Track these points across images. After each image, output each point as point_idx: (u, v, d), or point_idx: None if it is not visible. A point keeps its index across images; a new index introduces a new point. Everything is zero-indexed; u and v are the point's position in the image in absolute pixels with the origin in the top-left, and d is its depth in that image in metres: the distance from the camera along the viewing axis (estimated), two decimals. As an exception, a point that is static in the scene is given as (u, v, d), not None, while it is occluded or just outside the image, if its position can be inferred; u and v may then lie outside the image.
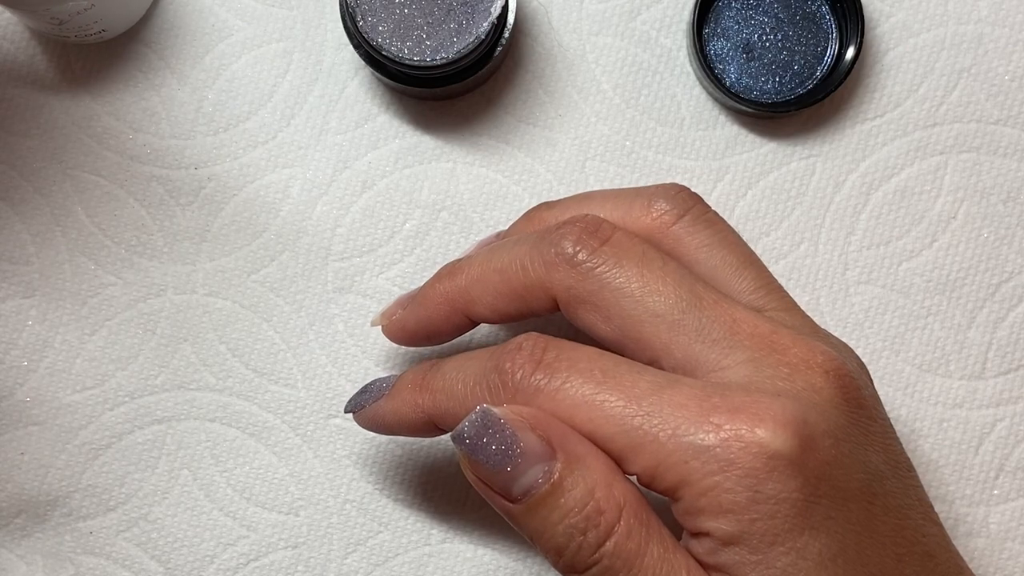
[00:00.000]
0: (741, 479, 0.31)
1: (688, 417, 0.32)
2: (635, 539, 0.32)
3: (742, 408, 0.32)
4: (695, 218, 0.39)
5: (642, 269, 0.35)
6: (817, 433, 0.32)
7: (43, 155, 0.47)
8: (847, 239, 0.48)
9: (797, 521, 0.31)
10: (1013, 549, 0.47)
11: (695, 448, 0.31)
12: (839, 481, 0.32)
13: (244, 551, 0.47)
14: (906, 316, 0.48)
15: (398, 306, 0.41)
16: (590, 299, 0.36)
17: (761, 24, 0.47)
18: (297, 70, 0.47)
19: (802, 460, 0.31)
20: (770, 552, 0.31)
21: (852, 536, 0.32)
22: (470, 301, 0.39)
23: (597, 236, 0.36)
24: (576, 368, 0.33)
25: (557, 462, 0.33)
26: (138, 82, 0.47)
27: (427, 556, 0.47)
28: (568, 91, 0.48)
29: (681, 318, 0.34)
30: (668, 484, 0.32)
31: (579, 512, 0.32)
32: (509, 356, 0.35)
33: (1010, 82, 0.48)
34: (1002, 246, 0.48)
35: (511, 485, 0.33)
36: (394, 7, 0.43)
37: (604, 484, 0.33)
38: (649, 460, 0.32)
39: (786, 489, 0.31)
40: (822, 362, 0.34)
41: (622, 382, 0.33)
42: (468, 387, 0.35)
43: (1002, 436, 0.48)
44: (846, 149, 0.48)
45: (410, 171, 0.48)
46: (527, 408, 0.34)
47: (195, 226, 0.47)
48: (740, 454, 0.31)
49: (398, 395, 0.38)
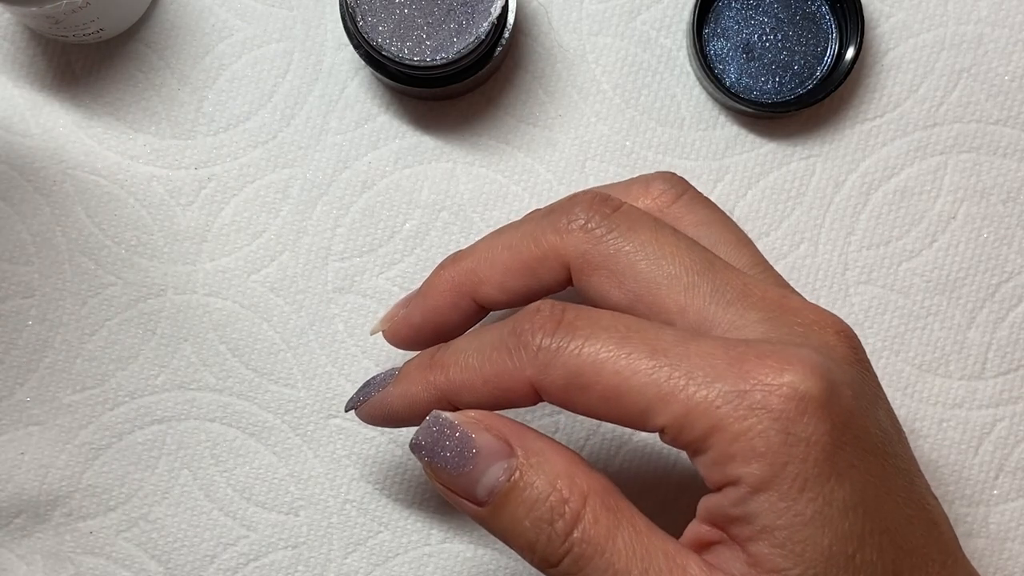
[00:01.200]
0: (774, 422, 0.31)
1: (717, 365, 0.32)
2: (603, 524, 0.32)
3: (769, 354, 0.32)
4: (692, 198, 0.39)
5: (655, 234, 0.36)
6: (839, 384, 0.32)
7: (43, 155, 0.47)
8: (847, 239, 0.48)
9: (825, 466, 0.31)
10: (1013, 549, 0.47)
11: (726, 393, 0.31)
12: (860, 432, 0.32)
13: (244, 551, 0.47)
14: (906, 316, 0.48)
15: (399, 307, 0.41)
16: (604, 264, 0.36)
17: (761, 24, 0.47)
18: (297, 70, 0.47)
19: (829, 405, 0.31)
20: (800, 498, 0.31)
21: (871, 488, 0.32)
22: (478, 282, 0.38)
23: (608, 204, 0.36)
24: (599, 325, 0.33)
25: (516, 458, 0.33)
26: (138, 82, 0.47)
27: (427, 556, 0.47)
28: (568, 91, 0.48)
29: (696, 280, 0.35)
30: (698, 433, 0.32)
31: (543, 504, 0.33)
32: (527, 318, 0.34)
33: (1010, 82, 0.48)
34: (1002, 246, 0.48)
35: (474, 487, 0.34)
36: (394, 7, 0.43)
37: (566, 475, 0.33)
38: (679, 409, 0.32)
39: (816, 432, 0.31)
40: (833, 323, 0.35)
41: (646, 337, 0.33)
42: (484, 355, 0.35)
43: (1002, 436, 0.48)
44: (846, 149, 0.48)
45: (410, 171, 0.48)
46: (479, 411, 0.35)
47: (195, 226, 0.47)
48: (772, 398, 0.31)
49: (406, 377, 0.38)
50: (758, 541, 0.31)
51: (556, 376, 0.33)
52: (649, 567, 0.32)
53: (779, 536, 0.31)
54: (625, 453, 0.47)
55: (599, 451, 0.47)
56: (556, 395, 0.34)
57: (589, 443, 0.47)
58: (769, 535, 0.31)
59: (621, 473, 0.47)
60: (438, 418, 0.35)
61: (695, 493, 0.47)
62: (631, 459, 0.47)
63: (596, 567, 0.32)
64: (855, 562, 0.31)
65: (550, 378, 0.33)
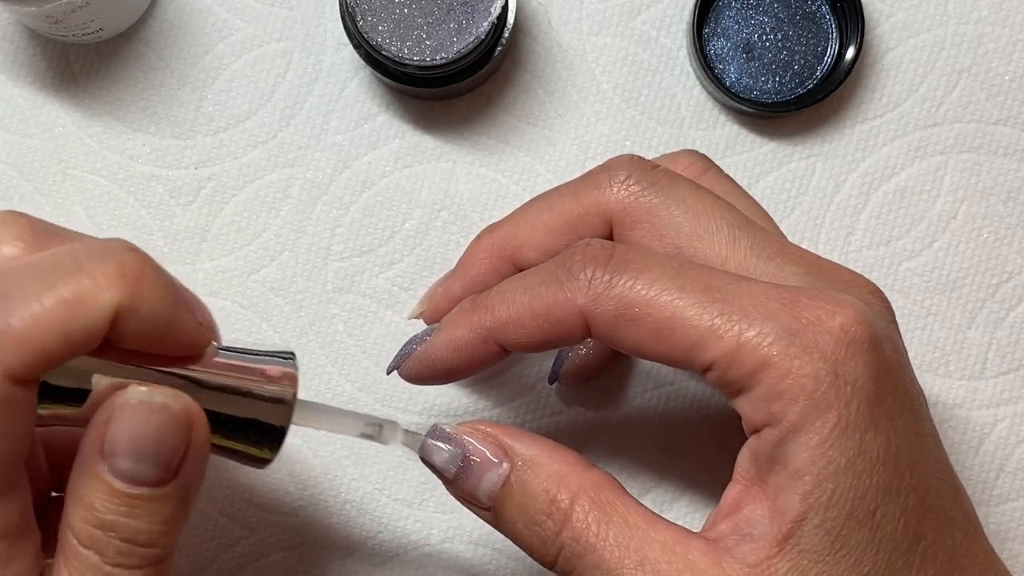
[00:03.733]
0: (824, 362, 0.31)
1: (768, 304, 0.32)
2: (594, 522, 0.33)
3: (821, 297, 0.32)
4: (718, 172, 0.40)
5: (695, 190, 0.36)
6: (882, 336, 0.32)
7: (43, 155, 0.47)
8: (847, 239, 0.48)
9: (867, 415, 0.31)
10: (1013, 549, 0.47)
11: (778, 331, 0.31)
12: (899, 386, 0.32)
13: (244, 552, 0.47)
14: (906, 316, 0.48)
15: (436, 287, 0.41)
16: (646, 218, 0.36)
17: (761, 24, 0.47)
18: (297, 70, 0.48)
19: (874, 352, 0.32)
20: (837, 444, 0.31)
21: (907, 444, 0.32)
22: (519, 245, 0.38)
23: (647, 164, 0.37)
24: (652, 261, 0.33)
25: (507, 463, 0.34)
26: (138, 82, 0.47)
27: (427, 556, 0.47)
28: (568, 91, 0.48)
29: (736, 234, 0.35)
30: (747, 369, 0.32)
31: (534, 506, 0.34)
32: (579, 251, 0.34)
33: (1010, 82, 0.48)
34: (1002, 246, 0.48)
35: (477, 493, 0.35)
36: (394, 7, 0.43)
37: (555, 477, 0.34)
38: (730, 344, 0.32)
39: (862, 377, 0.31)
40: (867, 284, 0.35)
41: (700, 274, 0.33)
42: (533, 290, 0.35)
43: (1002, 436, 0.48)
44: (846, 149, 0.48)
45: (410, 171, 0.48)
46: (476, 421, 0.36)
47: (195, 226, 0.47)
48: (823, 337, 0.31)
49: (449, 324, 0.37)
50: (785, 489, 0.31)
51: (607, 307, 0.33)
52: (644, 559, 0.32)
53: (807, 483, 0.31)
54: (626, 453, 0.47)
55: (600, 451, 0.47)
56: (605, 327, 0.33)
57: (590, 443, 0.47)
58: (799, 480, 0.31)
59: (622, 473, 0.47)
60: (437, 430, 0.36)
61: (696, 493, 0.47)
62: (631, 459, 0.47)
63: (588, 563, 0.33)
64: (875, 518, 0.31)
65: (601, 308, 0.33)
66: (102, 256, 0.30)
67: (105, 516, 0.31)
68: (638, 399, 0.47)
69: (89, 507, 0.31)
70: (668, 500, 0.47)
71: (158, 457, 0.31)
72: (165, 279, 0.31)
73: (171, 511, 0.31)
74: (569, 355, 0.43)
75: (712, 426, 0.47)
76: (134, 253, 0.31)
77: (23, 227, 0.32)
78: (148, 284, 0.30)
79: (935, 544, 0.32)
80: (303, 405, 0.35)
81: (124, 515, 0.31)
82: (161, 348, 0.32)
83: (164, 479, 0.31)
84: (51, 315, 0.29)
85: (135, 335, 0.31)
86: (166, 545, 0.32)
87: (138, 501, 0.31)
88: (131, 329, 0.30)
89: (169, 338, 0.32)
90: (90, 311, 0.29)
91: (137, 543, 0.31)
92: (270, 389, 0.34)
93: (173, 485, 0.31)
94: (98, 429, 0.31)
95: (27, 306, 0.29)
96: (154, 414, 0.31)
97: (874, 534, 0.31)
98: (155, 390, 0.31)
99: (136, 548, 0.31)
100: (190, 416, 0.31)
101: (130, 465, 0.31)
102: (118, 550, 0.31)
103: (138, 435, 0.31)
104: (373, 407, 0.47)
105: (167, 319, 0.31)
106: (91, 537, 0.31)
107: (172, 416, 0.31)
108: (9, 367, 0.29)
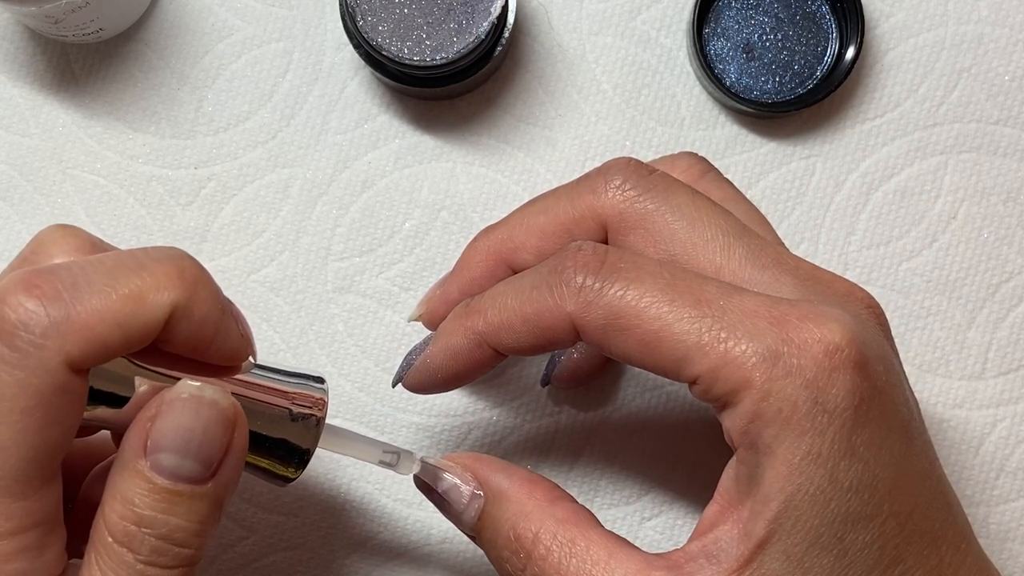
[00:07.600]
0: (804, 388, 0.31)
1: (757, 322, 0.32)
2: (554, 558, 0.34)
3: (811, 316, 0.32)
4: (716, 176, 0.40)
5: (691, 197, 0.36)
6: (872, 357, 0.32)
7: (43, 155, 0.47)
8: (847, 239, 0.48)
9: (842, 441, 0.31)
10: (1013, 549, 0.47)
11: (763, 351, 0.31)
12: (886, 409, 0.32)
13: (244, 552, 0.47)
14: (906, 316, 0.48)
15: (434, 290, 0.41)
16: (641, 224, 0.36)
17: (761, 24, 0.47)
18: (297, 70, 0.48)
19: (860, 375, 0.31)
20: (807, 470, 0.31)
21: (889, 469, 0.32)
22: (514, 248, 0.38)
23: (644, 168, 0.37)
24: (644, 270, 0.33)
25: (482, 498, 0.35)
26: (138, 82, 0.47)
27: (427, 556, 0.47)
28: (568, 91, 0.48)
29: (731, 242, 0.35)
30: (731, 386, 0.32)
31: (501, 541, 0.35)
32: (570, 256, 0.34)
33: (1010, 82, 0.48)
34: (1002, 246, 0.48)
35: (462, 522, 0.36)
36: (394, 7, 0.43)
37: (522, 515, 0.35)
38: (715, 360, 0.32)
39: (843, 404, 0.31)
40: (863, 297, 0.35)
41: (691, 286, 0.33)
42: (524, 295, 0.35)
43: (1002, 436, 0.48)
44: (846, 149, 0.48)
45: (410, 171, 0.48)
46: (458, 454, 0.37)
47: (195, 226, 0.47)
48: (807, 361, 0.31)
49: (444, 332, 0.38)
50: (755, 514, 0.31)
51: (596, 315, 0.33)
52: None
53: (773, 508, 0.31)
54: (624, 455, 0.47)
55: (598, 453, 0.47)
56: (594, 335, 0.34)
57: (589, 444, 0.47)
58: (767, 505, 0.31)
59: (620, 475, 0.47)
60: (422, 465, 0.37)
61: (694, 497, 0.47)
62: (630, 461, 0.47)
63: None
64: (842, 543, 0.31)
65: (590, 316, 0.33)
66: (162, 259, 0.31)
67: (144, 512, 0.31)
68: (636, 400, 0.47)
69: (128, 502, 0.31)
70: (668, 501, 0.47)
71: (201, 454, 0.31)
72: (216, 287, 0.32)
73: (207, 511, 0.32)
74: (561, 359, 0.43)
75: (711, 428, 0.47)
76: (191, 259, 0.32)
77: (83, 240, 0.34)
78: (202, 289, 0.32)
79: (916, 567, 0.32)
80: (329, 430, 0.36)
81: (163, 511, 0.31)
82: (205, 355, 0.33)
83: (205, 477, 0.31)
84: (114, 307, 0.30)
85: (184, 338, 0.32)
86: (198, 547, 0.32)
87: (178, 498, 0.31)
88: (182, 330, 0.31)
89: (215, 345, 0.33)
90: (149, 308, 0.30)
91: (172, 541, 0.31)
92: (302, 412, 0.35)
93: (212, 484, 0.32)
94: (142, 425, 0.31)
95: (92, 297, 0.30)
96: (204, 408, 0.31)
97: (840, 560, 0.31)
98: (205, 385, 0.32)
99: (171, 547, 0.31)
100: (236, 415, 0.32)
101: (174, 460, 0.31)
102: (152, 548, 0.31)
103: (186, 429, 0.31)
104: (373, 407, 0.47)
105: (215, 325, 0.32)
106: (126, 533, 0.31)
107: (220, 412, 0.32)
108: (70, 353, 0.29)
